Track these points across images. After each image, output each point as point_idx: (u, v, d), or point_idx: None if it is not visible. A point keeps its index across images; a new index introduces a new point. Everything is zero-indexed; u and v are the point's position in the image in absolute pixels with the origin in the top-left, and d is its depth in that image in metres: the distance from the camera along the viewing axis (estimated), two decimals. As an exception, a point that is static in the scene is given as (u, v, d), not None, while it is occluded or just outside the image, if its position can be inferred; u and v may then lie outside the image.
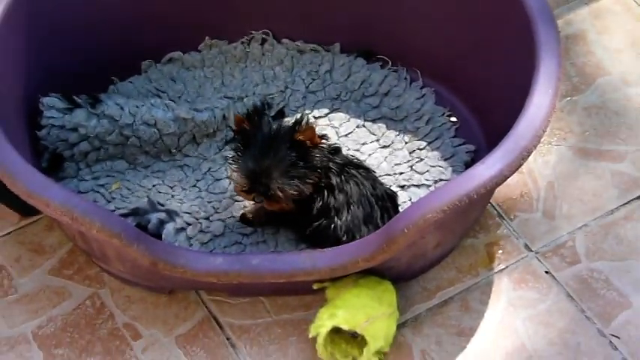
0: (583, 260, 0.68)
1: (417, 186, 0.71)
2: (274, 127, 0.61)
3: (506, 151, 0.57)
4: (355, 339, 0.64)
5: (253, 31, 0.81)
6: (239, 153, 0.61)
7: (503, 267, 0.68)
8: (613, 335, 0.62)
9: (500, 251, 0.69)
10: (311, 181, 0.61)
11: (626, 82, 0.82)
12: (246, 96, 0.76)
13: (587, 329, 0.63)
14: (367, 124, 0.76)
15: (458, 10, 0.73)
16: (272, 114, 0.75)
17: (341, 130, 0.75)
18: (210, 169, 0.72)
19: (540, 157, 0.75)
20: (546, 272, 0.67)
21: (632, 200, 0.72)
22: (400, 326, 0.65)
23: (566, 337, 0.63)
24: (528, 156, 0.58)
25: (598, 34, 0.87)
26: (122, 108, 0.70)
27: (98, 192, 0.70)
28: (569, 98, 0.81)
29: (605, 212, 0.71)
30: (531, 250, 0.69)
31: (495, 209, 0.72)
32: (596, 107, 0.80)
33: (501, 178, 0.56)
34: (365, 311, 0.63)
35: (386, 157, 0.73)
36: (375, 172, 0.67)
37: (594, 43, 0.86)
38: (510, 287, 0.66)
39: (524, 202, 0.73)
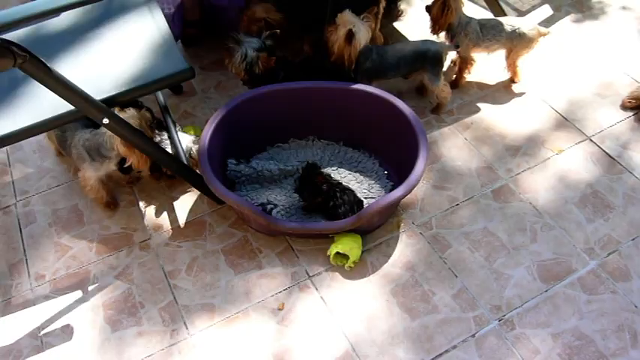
0: (434, 226, 1.66)
1: (371, 198, 1.71)
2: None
3: (406, 186, 1.58)
4: (345, 256, 1.61)
5: (310, 135, 1.85)
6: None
7: (402, 231, 1.65)
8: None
9: (402, 224, 1.67)
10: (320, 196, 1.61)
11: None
12: (305, 161, 1.79)
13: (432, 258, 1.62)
14: (352, 173, 1.75)
15: (388, 127, 1.70)
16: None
17: (342, 175, 1.76)
18: (289, 187, 1.73)
19: (422, 186, 1.77)
20: (420, 233, 1.67)
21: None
22: (363, 252, 1.61)
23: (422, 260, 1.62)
24: (413, 188, 1.58)
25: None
26: (257, 164, 1.75)
27: (247, 196, 1.70)
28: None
29: (446, 209, 1.71)
30: (413, 224, 1.65)
31: (400, 208, 1.71)
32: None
33: (402, 197, 1.56)
34: (349, 245, 1.53)
35: (359, 186, 1.73)
36: (354, 191, 1.69)
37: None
38: (403, 240, 1.63)
39: (411, 204, 1.72)
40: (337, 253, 1.54)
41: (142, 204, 1.75)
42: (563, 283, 1.50)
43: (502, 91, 2.01)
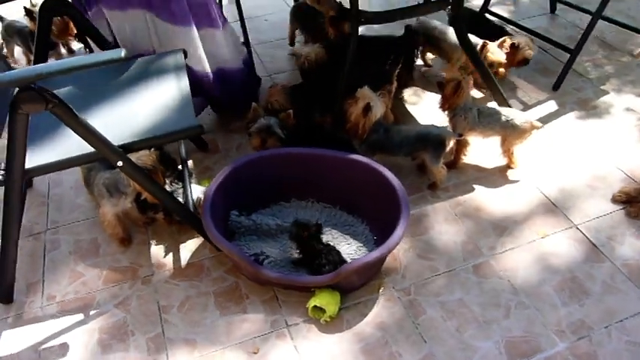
0: (412, 293, 1.74)
1: (353, 258, 1.84)
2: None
3: (382, 249, 1.65)
4: (322, 310, 1.69)
5: (310, 197, 2.02)
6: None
7: (382, 294, 1.74)
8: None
9: (382, 287, 1.75)
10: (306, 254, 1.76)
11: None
12: (306, 220, 1.95)
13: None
14: (343, 235, 1.87)
15: (379, 196, 1.83)
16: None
17: (334, 236, 1.88)
18: (285, 242, 1.87)
19: (407, 254, 1.87)
20: (398, 297, 1.76)
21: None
22: (341, 309, 1.67)
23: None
24: (389, 252, 1.70)
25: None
26: (257, 218, 1.92)
27: (244, 246, 1.85)
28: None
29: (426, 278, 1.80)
30: (394, 288, 1.75)
31: (383, 272, 1.79)
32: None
33: (379, 259, 1.69)
34: (327, 300, 1.63)
35: (348, 247, 1.84)
36: (340, 252, 1.82)
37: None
38: (381, 302, 1.71)
39: (394, 269, 1.81)
40: (315, 306, 1.65)
41: (152, 243, 1.94)
42: (529, 361, 1.54)
43: (497, 175, 2.13)
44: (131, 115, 1.64)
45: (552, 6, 3.19)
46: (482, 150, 2.19)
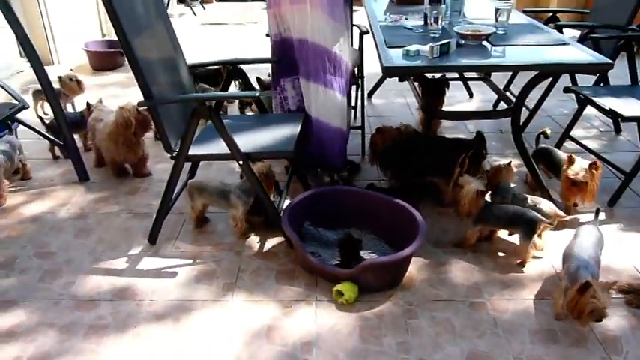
0: (413, 305, 2.27)
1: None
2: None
3: (392, 257, 2.27)
4: (342, 294, 2.24)
5: (365, 229, 2.71)
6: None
7: (386, 299, 2.27)
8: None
9: (392, 296, 2.28)
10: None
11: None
12: (354, 233, 2.64)
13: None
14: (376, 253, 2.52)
15: (408, 231, 2.48)
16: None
17: (370, 254, 2.53)
18: (335, 252, 2.55)
19: (419, 277, 2.40)
20: (402, 305, 2.28)
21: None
22: (357, 299, 2.26)
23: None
24: (396, 260, 2.27)
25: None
26: (320, 231, 2.64)
27: (306, 245, 2.57)
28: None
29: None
30: (401, 299, 2.30)
31: (398, 288, 2.37)
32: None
33: (387, 263, 2.27)
34: (347, 288, 2.22)
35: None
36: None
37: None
38: (387, 304, 2.29)
39: (407, 287, 2.36)
40: (338, 290, 2.29)
41: (252, 234, 2.77)
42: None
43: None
44: (257, 137, 2.59)
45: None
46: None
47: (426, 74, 3.11)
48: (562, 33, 3.31)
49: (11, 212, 3.05)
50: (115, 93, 4.91)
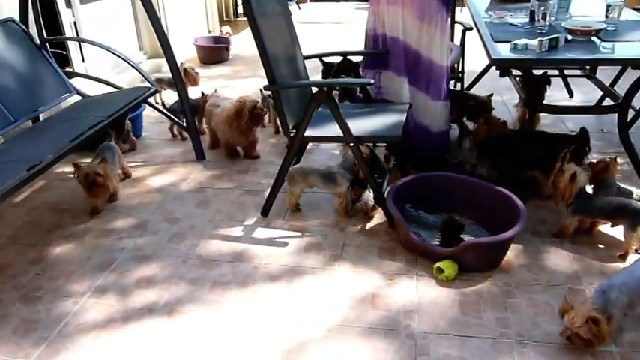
0: (511, 286, 2.38)
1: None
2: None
3: (490, 238, 2.40)
4: (442, 271, 2.40)
5: (464, 214, 2.84)
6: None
7: (484, 280, 2.39)
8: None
9: (491, 277, 2.40)
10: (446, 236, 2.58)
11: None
12: (456, 217, 2.78)
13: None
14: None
15: (507, 216, 2.58)
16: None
17: (467, 230, 2.66)
18: (435, 234, 2.71)
19: (519, 261, 2.49)
20: (499, 286, 2.39)
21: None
22: (456, 277, 2.39)
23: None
24: (495, 242, 2.40)
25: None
26: (421, 213, 2.81)
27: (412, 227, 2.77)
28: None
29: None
30: (499, 280, 2.41)
31: (497, 270, 2.48)
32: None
33: (486, 245, 2.41)
34: (447, 265, 2.37)
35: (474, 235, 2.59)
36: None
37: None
38: (483, 285, 2.41)
39: (506, 271, 2.47)
40: (438, 267, 2.44)
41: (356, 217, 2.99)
42: None
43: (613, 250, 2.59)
44: (365, 123, 2.79)
45: None
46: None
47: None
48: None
49: (140, 183, 3.46)
50: (222, 84, 5.31)
